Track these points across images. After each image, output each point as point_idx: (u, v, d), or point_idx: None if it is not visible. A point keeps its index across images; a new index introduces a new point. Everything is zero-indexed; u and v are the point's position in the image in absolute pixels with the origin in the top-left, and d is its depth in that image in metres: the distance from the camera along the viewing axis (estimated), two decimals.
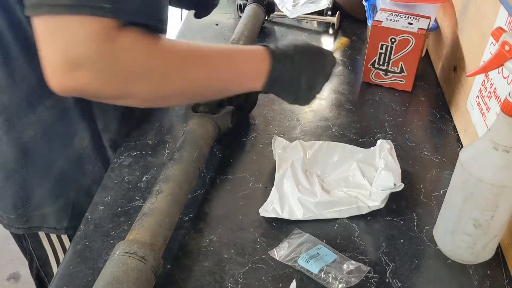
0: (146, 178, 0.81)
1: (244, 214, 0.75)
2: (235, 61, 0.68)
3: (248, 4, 1.20)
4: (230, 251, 0.69)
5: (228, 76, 0.68)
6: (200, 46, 0.65)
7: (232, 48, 0.71)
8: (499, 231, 0.65)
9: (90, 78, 0.54)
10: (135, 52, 0.56)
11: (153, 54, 0.59)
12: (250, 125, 0.94)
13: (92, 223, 0.73)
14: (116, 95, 0.60)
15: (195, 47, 0.64)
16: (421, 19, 1.01)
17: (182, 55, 0.62)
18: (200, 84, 0.66)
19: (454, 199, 0.65)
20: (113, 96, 0.60)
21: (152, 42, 0.58)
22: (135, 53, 0.56)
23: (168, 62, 0.60)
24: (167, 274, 0.65)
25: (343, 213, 0.74)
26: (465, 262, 0.68)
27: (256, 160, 0.85)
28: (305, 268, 0.65)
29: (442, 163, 0.85)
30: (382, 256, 0.69)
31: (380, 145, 0.82)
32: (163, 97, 0.65)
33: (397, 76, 1.04)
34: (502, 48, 0.63)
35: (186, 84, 0.64)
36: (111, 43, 0.54)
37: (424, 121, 0.97)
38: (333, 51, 0.79)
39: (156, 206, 0.65)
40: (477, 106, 0.84)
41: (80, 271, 0.66)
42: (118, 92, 0.59)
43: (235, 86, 0.70)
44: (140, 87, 0.60)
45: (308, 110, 0.99)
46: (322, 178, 0.80)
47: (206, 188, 0.79)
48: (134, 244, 0.59)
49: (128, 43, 0.55)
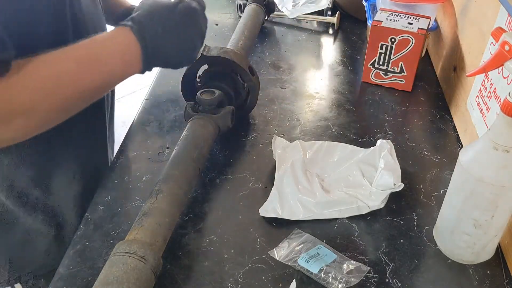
0: (146, 178, 0.81)
1: (244, 214, 0.75)
2: (100, 61, 0.62)
3: (248, 4, 1.20)
4: (230, 251, 0.69)
5: (99, 78, 0.62)
6: (59, 56, 0.58)
7: (96, 47, 0.62)
8: (499, 231, 0.65)
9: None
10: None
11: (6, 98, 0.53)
12: (250, 125, 0.94)
13: (92, 223, 0.73)
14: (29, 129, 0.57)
15: (54, 61, 0.58)
16: (421, 19, 1.01)
17: (38, 81, 0.56)
18: (79, 96, 0.60)
19: (454, 199, 0.65)
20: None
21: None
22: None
23: (21, 96, 0.55)
24: (167, 274, 0.65)
25: (343, 213, 0.74)
26: (465, 262, 0.68)
27: (256, 160, 0.85)
28: (305, 268, 0.65)
29: (442, 163, 0.85)
30: (382, 256, 0.69)
31: (380, 145, 0.82)
32: (50, 124, 0.60)
33: (397, 76, 1.04)
34: (502, 48, 0.63)
35: (55, 107, 0.59)
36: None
37: (424, 121, 0.97)
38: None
39: (156, 206, 0.65)
40: (477, 106, 0.84)
41: (80, 271, 0.66)
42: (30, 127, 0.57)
43: (114, 80, 0.65)
44: (12, 133, 0.56)
45: (308, 110, 0.99)
46: (322, 178, 0.80)
47: (206, 188, 0.79)
48: (134, 244, 0.59)
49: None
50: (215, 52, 0.86)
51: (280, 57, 1.18)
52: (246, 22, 1.11)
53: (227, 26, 1.31)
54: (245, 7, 1.21)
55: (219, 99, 0.83)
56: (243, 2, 1.28)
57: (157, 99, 1.02)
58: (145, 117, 0.96)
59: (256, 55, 1.18)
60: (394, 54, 1.01)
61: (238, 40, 1.01)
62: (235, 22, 1.31)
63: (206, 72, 0.90)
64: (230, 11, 1.39)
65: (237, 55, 0.87)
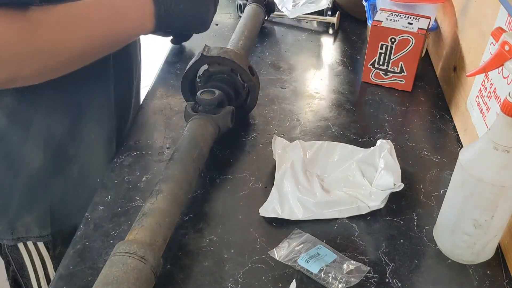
0: (146, 178, 0.81)
1: (244, 214, 0.75)
2: (118, 11, 0.65)
3: (248, 4, 1.20)
4: (230, 251, 0.69)
5: (115, 28, 0.66)
6: (77, 5, 0.62)
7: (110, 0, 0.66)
8: (499, 231, 0.65)
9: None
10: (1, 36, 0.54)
11: (23, 32, 0.55)
12: (250, 125, 0.94)
13: (92, 223, 0.73)
14: (2, 82, 0.59)
15: (72, 8, 0.61)
16: (421, 19, 1.01)
17: (59, 22, 0.60)
18: (88, 45, 0.64)
19: (454, 199, 0.65)
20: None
21: (19, 18, 0.55)
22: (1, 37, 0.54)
23: (43, 35, 0.58)
24: (167, 274, 0.65)
25: (343, 213, 0.74)
26: (465, 262, 0.68)
27: (256, 160, 0.85)
28: (305, 268, 0.65)
29: (442, 163, 0.85)
30: (382, 256, 0.69)
31: (380, 145, 0.82)
32: (57, 69, 0.63)
33: (397, 76, 1.04)
34: (502, 48, 0.63)
35: (73, 50, 0.62)
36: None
37: (424, 121, 0.97)
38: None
39: (156, 206, 0.65)
40: (477, 106, 0.84)
41: (80, 271, 0.66)
42: (3, 80, 0.58)
43: (126, 35, 0.68)
44: (24, 69, 0.58)
45: (308, 110, 0.99)
46: (322, 178, 0.80)
47: (206, 188, 0.79)
48: (134, 244, 0.59)
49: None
50: (215, 52, 0.86)
51: (280, 57, 1.18)
52: (246, 22, 1.11)
53: (227, 26, 1.31)
54: (245, 7, 1.21)
55: (219, 99, 0.83)
56: (243, 2, 1.28)
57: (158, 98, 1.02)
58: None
59: (256, 55, 1.18)
60: (394, 54, 1.01)
61: (238, 40, 1.01)
62: (235, 22, 1.31)
63: (206, 72, 0.90)
64: (230, 11, 1.39)
65: (237, 55, 0.87)
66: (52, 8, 0.59)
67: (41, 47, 0.58)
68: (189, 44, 1.21)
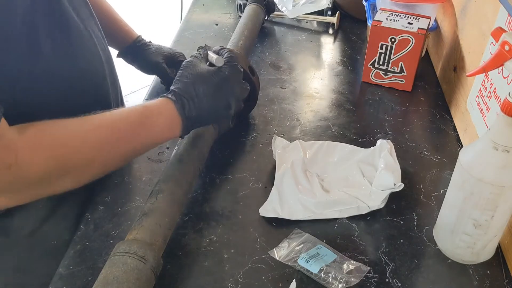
0: (146, 178, 0.81)
1: (244, 214, 0.75)
2: (147, 128, 0.67)
3: (248, 4, 1.20)
4: (230, 251, 0.69)
5: (144, 143, 0.68)
6: (112, 118, 0.65)
7: (140, 117, 0.68)
8: (499, 231, 0.65)
9: (5, 200, 0.57)
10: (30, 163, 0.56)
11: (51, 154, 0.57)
12: (250, 125, 0.94)
13: (92, 223, 0.73)
14: (38, 196, 0.61)
15: (108, 122, 0.64)
16: (421, 19, 1.01)
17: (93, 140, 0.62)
18: (122, 159, 0.67)
19: (454, 199, 0.65)
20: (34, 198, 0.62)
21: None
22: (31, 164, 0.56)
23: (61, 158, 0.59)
24: (167, 274, 0.65)
25: (343, 213, 0.74)
26: (465, 262, 0.68)
27: (256, 160, 0.85)
28: (305, 268, 0.65)
29: (442, 163, 0.85)
30: (382, 256, 0.69)
31: (380, 145, 0.82)
32: (89, 178, 0.64)
33: (397, 76, 1.04)
34: (502, 48, 0.63)
35: (106, 165, 0.65)
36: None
37: (424, 121, 0.97)
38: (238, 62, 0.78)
39: (156, 206, 0.65)
40: (477, 106, 0.84)
41: (80, 271, 0.66)
42: (39, 195, 0.61)
43: (154, 146, 0.71)
44: (53, 187, 0.61)
45: (308, 110, 0.99)
46: (322, 178, 0.80)
47: (206, 188, 0.79)
48: (134, 244, 0.59)
49: (27, 156, 0.55)
50: None
51: (280, 57, 1.18)
52: (246, 22, 1.11)
53: (227, 26, 1.31)
54: (245, 7, 1.21)
55: None
56: (243, 2, 1.28)
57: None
58: None
59: (256, 55, 1.18)
60: (394, 54, 1.01)
61: (238, 40, 1.01)
62: (235, 22, 1.31)
63: None
64: (230, 11, 1.39)
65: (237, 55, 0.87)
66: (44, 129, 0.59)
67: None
68: (189, 45, 1.21)
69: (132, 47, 1.00)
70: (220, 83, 0.74)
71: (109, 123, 0.64)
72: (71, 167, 0.60)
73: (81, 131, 0.61)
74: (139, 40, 1.02)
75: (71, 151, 0.59)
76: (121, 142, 0.64)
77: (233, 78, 0.76)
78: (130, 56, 1.01)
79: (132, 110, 0.67)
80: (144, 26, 1.61)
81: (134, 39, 1.01)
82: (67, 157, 0.59)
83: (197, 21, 1.34)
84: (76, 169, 0.61)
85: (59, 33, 0.66)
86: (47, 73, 0.65)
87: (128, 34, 1.01)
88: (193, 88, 0.71)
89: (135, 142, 0.66)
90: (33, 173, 0.56)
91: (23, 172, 0.55)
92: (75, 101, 0.71)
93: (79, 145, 0.60)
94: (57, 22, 0.66)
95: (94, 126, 0.62)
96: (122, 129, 0.65)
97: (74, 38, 0.69)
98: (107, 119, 0.64)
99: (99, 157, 0.62)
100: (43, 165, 0.56)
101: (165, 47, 1.05)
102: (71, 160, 0.60)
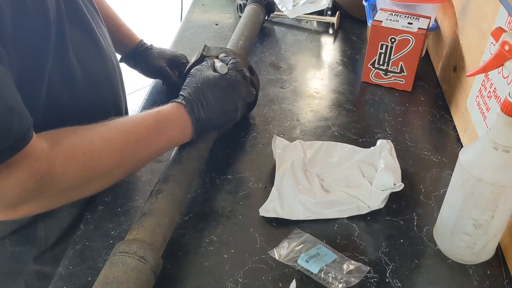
0: (146, 178, 0.81)
1: (244, 214, 0.75)
2: (163, 132, 0.69)
3: (248, 4, 1.20)
4: (230, 251, 0.69)
5: (160, 146, 0.70)
6: (124, 131, 0.66)
7: (155, 121, 0.70)
8: (499, 231, 0.65)
9: (34, 208, 0.59)
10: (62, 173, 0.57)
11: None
12: (250, 125, 0.94)
13: (92, 223, 0.73)
14: (65, 202, 0.63)
15: (121, 133, 0.65)
16: (421, 19, 1.01)
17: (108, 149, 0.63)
18: (140, 163, 0.69)
19: (454, 199, 0.65)
20: (61, 204, 0.64)
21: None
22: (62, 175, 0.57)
23: (95, 164, 0.61)
24: (167, 274, 0.65)
25: (343, 213, 0.74)
26: (465, 262, 0.68)
27: (256, 160, 0.85)
28: (305, 268, 0.65)
29: (442, 163, 0.85)
30: (382, 256, 0.69)
31: (380, 145, 0.82)
32: (112, 182, 0.66)
33: (397, 76, 1.04)
34: (502, 48, 0.63)
35: (128, 169, 0.67)
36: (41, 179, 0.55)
37: (424, 121, 0.97)
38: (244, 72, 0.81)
39: (156, 206, 0.65)
40: (477, 106, 0.84)
41: (80, 271, 0.66)
42: (67, 201, 0.63)
43: (168, 149, 0.73)
44: (81, 193, 0.62)
45: (308, 110, 0.99)
46: (322, 178, 0.80)
47: (206, 188, 0.79)
48: (134, 244, 0.59)
49: (60, 167, 0.56)
50: (215, 52, 0.86)
51: (280, 57, 1.18)
52: (246, 22, 1.10)
53: (227, 26, 1.31)
54: (245, 7, 1.21)
55: None
56: (243, 2, 1.28)
57: (157, 99, 1.02)
58: None
59: (256, 55, 1.18)
60: (394, 54, 1.01)
61: (238, 40, 1.01)
62: (235, 22, 1.31)
63: None
64: (230, 11, 1.39)
65: (237, 55, 0.87)
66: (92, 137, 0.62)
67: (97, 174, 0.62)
68: (189, 45, 1.21)
69: (134, 52, 1.01)
70: (228, 87, 0.76)
71: (128, 128, 0.66)
72: (98, 174, 0.62)
73: (106, 138, 0.63)
74: (141, 44, 1.02)
75: (99, 159, 0.61)
76: (140, 146, 0.66)
77: (240, 82, 0.79)
78: (133, 61, 1.02)
79: (147, 115, 0.69)
80: (144, 26, 1.62)
81: (136, 44, 1.01)
82: (96, 164, 0.61)
83: (197, 21, 1.34)
84: (102, 175, 0.63)
85: (84, 42, 0.69)
86: (72, 82, 0.67)
87: (131, 39, 1.02)
88: (202, 92, 0.74)
89: (152, 146, 0.68)
90: (64, 182, 0.58)
91: (55, 181, 0.57)
92: (95, 108, 0.74)
93: (106, 152, 0.62)
94: (81, 31, 0.68)
95: (116, 132, 0.64)
96: (141, 134, 0.66)
97: (98, 48, 0.72)
98: (126, 124, 0.67)
99: (122, 162, 0.65)
100: (75, 175, 0.59)
101: (167, 50, 1.05)
102: (99, 167, 0.62)
